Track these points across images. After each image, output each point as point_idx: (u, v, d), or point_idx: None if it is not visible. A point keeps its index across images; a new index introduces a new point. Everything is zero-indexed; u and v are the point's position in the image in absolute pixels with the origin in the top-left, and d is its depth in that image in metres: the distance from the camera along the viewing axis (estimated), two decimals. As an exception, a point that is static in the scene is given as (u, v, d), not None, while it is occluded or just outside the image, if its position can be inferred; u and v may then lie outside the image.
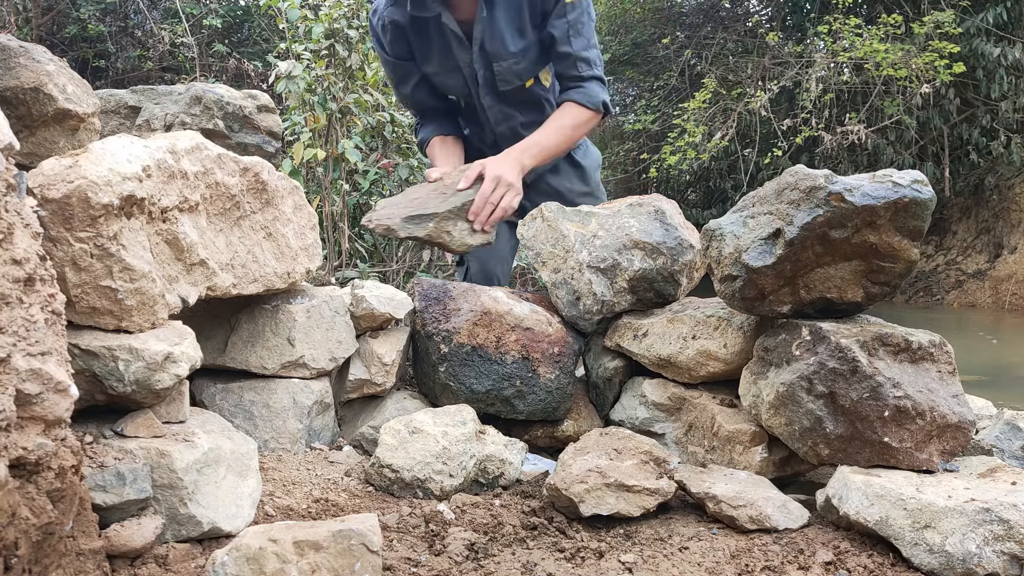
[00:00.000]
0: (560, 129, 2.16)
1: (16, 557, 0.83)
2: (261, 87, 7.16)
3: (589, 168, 2.49)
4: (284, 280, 1.53)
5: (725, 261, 1.46)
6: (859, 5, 8.64)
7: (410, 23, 2.18)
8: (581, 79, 2.17)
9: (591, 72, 2.19)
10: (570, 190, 2.42)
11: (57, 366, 0.90)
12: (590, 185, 2.49)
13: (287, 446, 1.54)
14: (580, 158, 2.46)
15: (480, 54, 2.16)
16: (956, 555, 1.15)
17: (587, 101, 2.18)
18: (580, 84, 2.17)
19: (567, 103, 2.18)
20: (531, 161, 2.08)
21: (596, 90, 2.19)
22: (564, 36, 2.12)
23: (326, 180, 3.71)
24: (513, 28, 2.12)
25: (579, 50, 2.15)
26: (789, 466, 1.53)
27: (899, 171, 1.37)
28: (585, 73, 2.17)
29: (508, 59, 2.15)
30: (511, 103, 2.27)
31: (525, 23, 2.12)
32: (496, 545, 1.27)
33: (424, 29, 2.19)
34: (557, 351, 1.75)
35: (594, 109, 2.19)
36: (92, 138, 1.36)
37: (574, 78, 2.18)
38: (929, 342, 1.40)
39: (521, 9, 2.11)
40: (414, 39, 2.23)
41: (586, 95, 2.18)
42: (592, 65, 2.19)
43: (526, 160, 2.06)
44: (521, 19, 2.12)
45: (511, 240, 2.47)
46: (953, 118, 7.87)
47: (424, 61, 2.26)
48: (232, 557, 1.02)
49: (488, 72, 2.19)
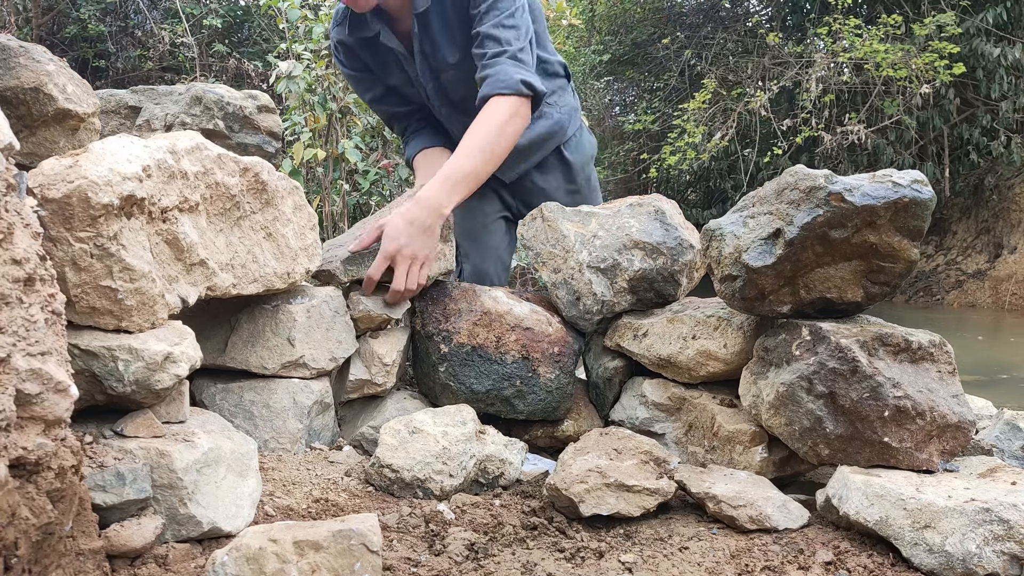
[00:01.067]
0: (479, 138, 1.81)
1: (16, 557, 0.83)
2: (261, 87, 7.17)
3: (578, 164, 2.33)
4: (284, 280, 1.53)
5: (725, 261, 1.46)
6: (859, 5, 8.64)
7: (358, 43, 2.13)
8: (487, 59, 1.89)
9: (498, 48, 1.89)
10: (556, 188, 2.31)
11: (57, 366, 0.90)
12: (577, 182, 2.34)
13: (287, 446, 1.54)
14: (569, 153, 2.30)
15: (424, 67, 2.09)
16: (956, 555, 1.15)
17: (501, 88, 1.85)
18: (488, 68, 1.89)
19: (485, 102, 1.86)
20: (454, 197, 1.75)
21: (508, 71, 1.86)
22: (477, 21, 1.93)
23: (326, 180, 3.71)
24: (448, 37, 2.02)
25: (487, 28, 1.90)
26: (789, 466, 1.53)
27: (899, 171, 1.37)
28: (490, 50, 1.89)
29: (450, 71, 2.07)
30: (466, 112, 2.06)
31: (456, 31, 2.01)
32: (496, 545, 1.27)
33: (374, 47, 2.13)
34: (557, 351, 1.75)
35: (513, 92, 1.85)
36: (92, 138, 1.36)
37: (479, 58, 1.91)
38: (929, 342, 1.40)
39: (450, 18, 1.99)
40: (368, 57, 2.17)
41: (496, 82, 1.86)
42: (503, 43, 1.89)
43: (445, 202, 1.74)
44: (452, 29, 2.01)
45: (508, 239, 2.43)
46: (953, 118, 7.87)
47: (385, 75, 2.21)
48: (232, 557, 1.02)
49: (436, 83, 2.12)
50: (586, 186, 2.38)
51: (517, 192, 2.33)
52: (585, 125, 2.46)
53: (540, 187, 2.29)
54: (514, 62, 1.89)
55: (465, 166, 1.78)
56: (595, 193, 2.43)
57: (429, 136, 2.26)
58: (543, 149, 2.27)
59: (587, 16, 9.97)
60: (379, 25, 2.06)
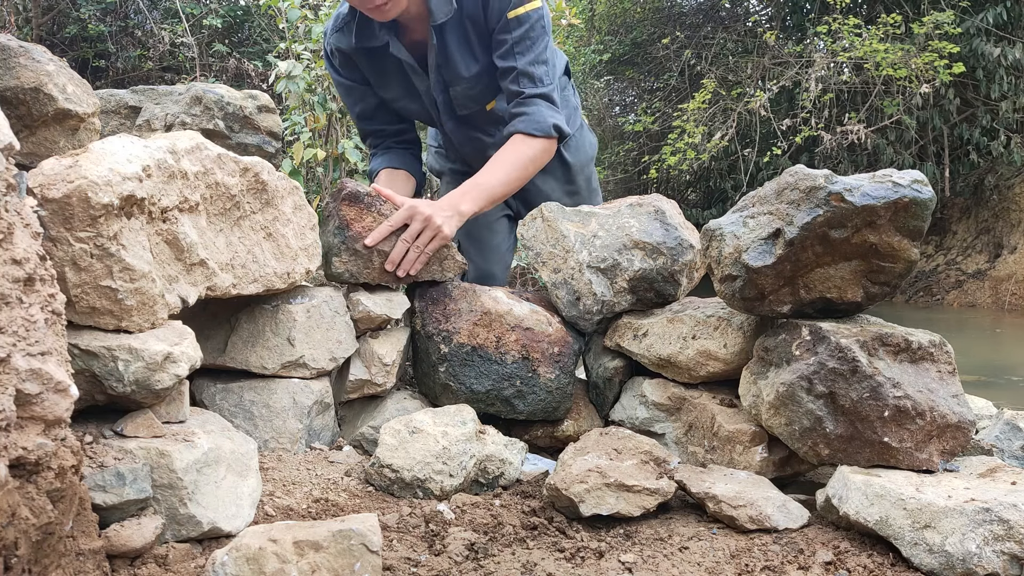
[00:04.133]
0: (506, 165, 1.92)
1: (16, 557, 0.83)
2: (261, 87, 7.17)
3: (577, 165, 2.35)
4: (284, 280, 1.53)
5: (725, 261, 1.46)
6: (859, 5, 8.64)
7: (358, 52, 2.06)
8: (523, 98, 1.97)
9: (535, 89, 1.97)
10: (555, 189, 2.31)
11: (57, 366, 0.90)
12: (576, 183, 2.36)
13: (287, 446, 1.54)
14: (569, 154, 2.31)
15: (437, 80, 2.05)
16: (956, 555, 1.15)
17: (534, 129, 1.95)
18: (523, 106, 1.97)
19: (514, 136, 1.96)
20: (472, 206, 1.84)
21: (544, 113, 1.97)
22: (508, 51, 1.95)
23: (326, 180, 3.71)
24: (465, 52, 2.00)
25: (524, 65, 1.95)
26: (789, 466, 1.53)
27: (899, 171, 1.37)
28: (528, 90, 1.96)
29: (462, 84, 2.04)
30: (474, 126, 2.16)
31: (475, 46, 2.00)
32: (496, 545, 1.27)
33: (376, 57, 2.07)
34: (557, 351, 1.75)
35: (544, 136, 1.96)
36: (92, 138, 1.36)
37: (515, 95, 1.98)
38: (929, 342, 1.40)
39: (468, 32, 1.98)
40: (367, 67, 2.11)
41: (532, 122, 1.96)
42: (537, 82, 1.97)
43: (465, 206, 1.82)
44: (470, 43, 2.00)
45: (509, 239, 2.43)
46: (953, 118, 7.87)
47: (381, 87, 2.15)
48: (232, 557, 1.02)
49: (446, 96, 2.09)
50: (586, 187, 2.38)
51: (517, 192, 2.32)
52: (586, 124, 2.44)
53: (539, 188, 2.29)
54: (548, 104, 1.98)
55: (490, 183, 1.90)
56: (595, 195, 2.42)
57: (397, 157, 2.21)
58: None
59: (587, 16, 9.97)
60: (388, 35, 2.01)
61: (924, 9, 7.57)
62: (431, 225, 1.72)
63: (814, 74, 7.57)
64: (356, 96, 2.18)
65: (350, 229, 1.69)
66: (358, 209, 1.70)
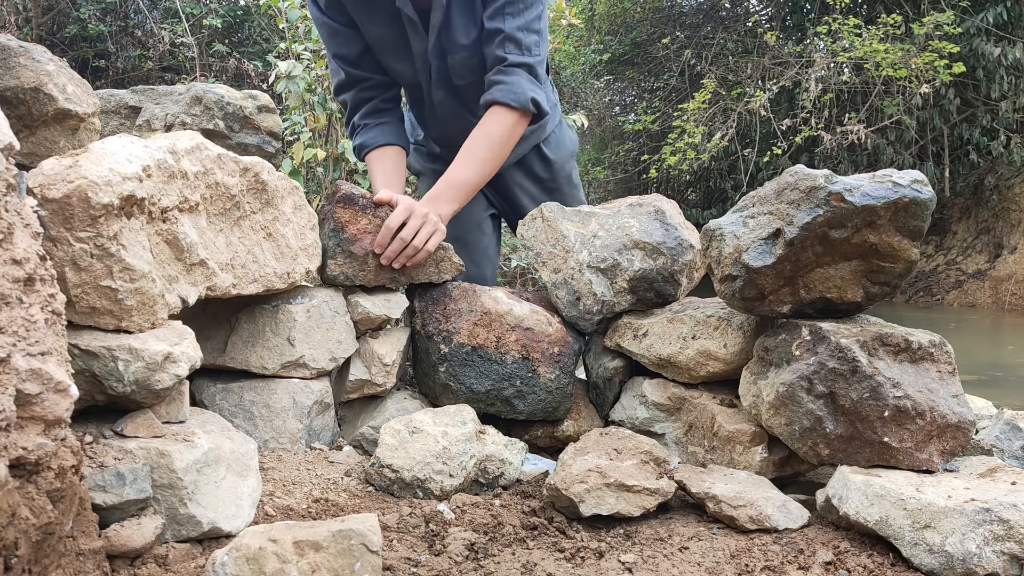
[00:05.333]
0: (479, 155, 1.85)
1: (16, 557, 0.83)
2: (261, 87, 7.17)
3: (558, 163, 2.28)
4: (284, 280, 1.53)
5: (725, 261, 1.46)
6: (859, 5, 8.64)
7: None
8: (505, 65, 1.85)
9: (519, 57, 1.85)
10: (535, 185, 2.27)
11: (57, 366, 0.90)
12: (557, 180, 2.30)
13: (287, 446, 1.54)
14: (549, 151, 2.26)
15: (436, 44, 1.92)
16: (956, 555, 1.15)
17: (511, 99, 1.84)
18: (503, 74, 1.85)
19: (491, 107, 1.86)
20: (451, 206, 1.83)
21: (523, 84, 1.85)
22: (498, 11, 1.83)
23: (326, 180, 3.71)
24: (467, 18, 1.89)
25: (512, 29, 1.82)
26: (789, 466, 1.53)
27: (899, 171, 1.37)
28: (512, 57, 1.84)
29: (461, 53, 1.92)
30: (466, 99, 2.02)
31: (477, 11, 1.88)
32: (496, 545, 1.27)
33: (373, 5, 1.92)
34: (557, 351, 1.75)
35: (520, 109, 1.86)
36: (92, 138, 1.36)
37: (498, 60, 1.85)
38: (929, 342, 1.40)
39: None
40: (359, 13, 1.94)
41: (509, 92, 1.84)
42: (524, 50, 1.85)
43: (443, 209, 1.81)
44: (473, 8, 1.88)
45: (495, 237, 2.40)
46: (953, 118, 7.88)
47: (370, 38, 1.99)
48: (232, 557, 1.02)
49: (441, 63, 1.96)
50: (567, 184, 2.35)
51: (498, 188, 2.30)
52: (564, 122, 2.40)
53: (519, 184, 2.27)
54: (531, 77, 1.88)
55: (466, 175, 1.85)
56: (577, 190, 2.39)
57: (391, 131, 2.08)
58: (522, 147, 2.22)
59: (587, 16, 9.98)
60: None
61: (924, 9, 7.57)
62: (429, 220, 1.72)
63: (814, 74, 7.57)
64: (341, 39, 2.00)
65: (345, 231, 1.69)
66: (353, 211, 1.70)
